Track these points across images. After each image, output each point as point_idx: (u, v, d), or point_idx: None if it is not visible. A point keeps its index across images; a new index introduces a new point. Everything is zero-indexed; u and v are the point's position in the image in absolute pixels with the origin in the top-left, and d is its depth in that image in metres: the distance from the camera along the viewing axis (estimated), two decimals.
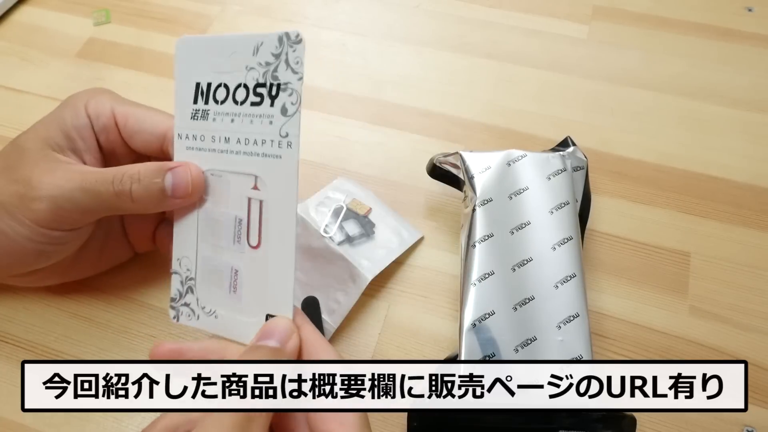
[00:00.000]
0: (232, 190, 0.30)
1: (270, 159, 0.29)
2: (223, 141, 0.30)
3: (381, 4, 0.59)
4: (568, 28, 0.56)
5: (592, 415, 0.33)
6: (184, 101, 0.31)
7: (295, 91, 0.28)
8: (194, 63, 0.31)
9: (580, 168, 0.42)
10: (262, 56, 0.29)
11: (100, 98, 0.34)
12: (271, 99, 0.28)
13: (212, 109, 0.30)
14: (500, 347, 0.34)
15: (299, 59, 0.28)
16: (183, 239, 0.32)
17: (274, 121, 0.28)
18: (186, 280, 0.32)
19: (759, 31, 0.55)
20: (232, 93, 0.30)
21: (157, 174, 0.30)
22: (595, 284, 0.41)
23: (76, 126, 0.33)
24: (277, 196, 0.29)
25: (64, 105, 0.34)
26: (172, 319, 0.32)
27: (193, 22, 0.57)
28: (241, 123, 0.29)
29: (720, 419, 0.36)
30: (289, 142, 0.28)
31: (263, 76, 0.29)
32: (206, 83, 0.30)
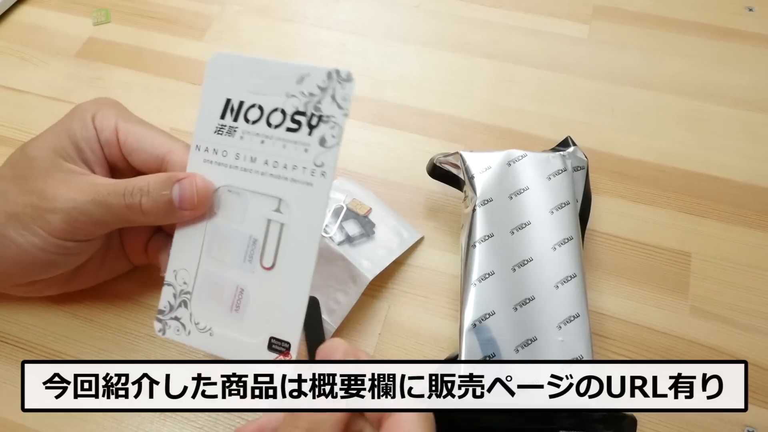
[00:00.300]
0: (251, 209, 0.30)
1: (299, 185, 0.29)
2: (248, 160, 0.30)
3: (381, 4, 0.59)
4: (568, 28, 0.56)
5: (593, 415, 0.33)
6: (209, 115, 0.31)
7: (338, 125, 0.29)
8: (227, 79, 0.31)
9: (581, 168, 0.42)
10: (307, 87, 0.29)
11: (107, 111, 0.34)
12: (310, 128, 0.29)
13: (241, 127, 0.30)
14: (500, 347, 0.34)
15: (347, 97, 0.29)
16: (183, 251, 0.32)
17: (310, 149, 0.29)
18: (180, 293, 0.31)
19: (759, 31, 0.55)
20: (267, 115, 0.30)
21: (166, 186, 0.31)
22: (596, 284, 0.41)
23: (84, 137, 0.33)
24: (301, 221, 0.29)
25: (72, 115, 0.34)
26: (157, 332, 0.31)
27: (193, 22, 0.57)
28: (273, 146, 0.30)
29: (720, 419, 0.36)
30: (324, 171, 0.29)
31: (305, 105, 0.29)
32: (238, 101, 0.31)
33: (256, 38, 0.56)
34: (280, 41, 0.56)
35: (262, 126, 0.30)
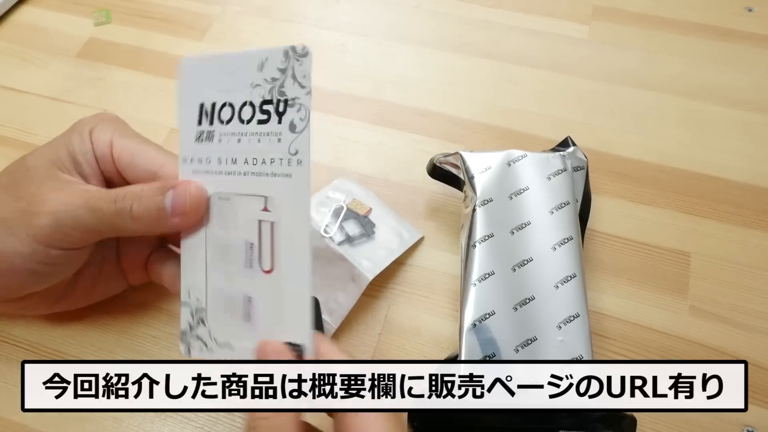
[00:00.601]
0: (242, 213, 0.29)
1: (280, 178, 0.27)
2: (230, 162, 0.29)
3: (381, 4, 0.59)
4: (568, 28, 0.56)
5: (592, 415, 0.33)
6: (188, 124, 0.30)
7: (303, 106, 0.27)
8: (197, 84, 0.30)
9: (581, 168, 0.42)
10: (268, 72, 0.28)
11: (104, 126, 0.34)
12: (279, 116, 0.27)
13: (217, 129, 0.29)
14: (500, 347, 0.34)
15: (306, 73, 0.27)
16: (191, 267, 0.30)
17: (283, 138, 0.27)
18: (196, 311, 0.30)
19: (759, 31, 0.55)
20: (238, 112, 0.29)
21: (159, 192, 0.30)
22: (595, 284, 0.41)
23: (81, 150, 0.33)
24: (288, 216, 0.28)
25: (72, 129, 0.34)
26: (184, 354, 0.30)
27: (194, 23, 0.57)
28: (248, 142, 0.28)
29: (720, 419, 0.36)
30: (299, 159, 0.27)
31: (269, 92, 0.28)
32: (210, 103, 0.29)
33: (257, 39, 0.56)
34: (280, 42, 0.56)
35: (235, 124, 0.29)
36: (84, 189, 0.31)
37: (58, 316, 0.39)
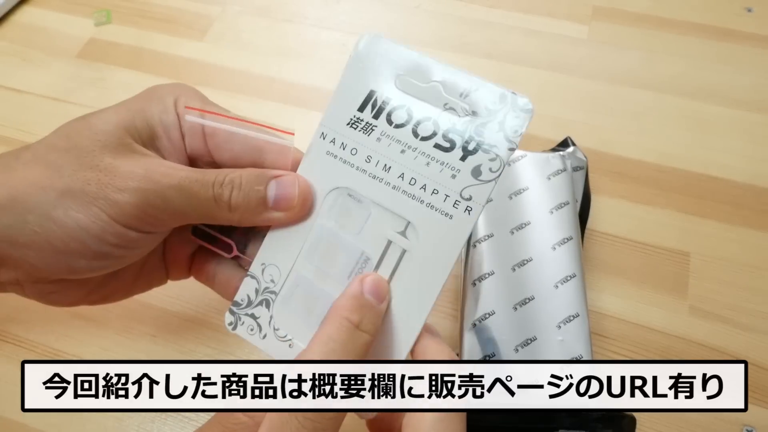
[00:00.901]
0: (371, 223, 0.26)
1: (436, 213, 0.25)
2: (381, 167, 0.26)
3: (381, 4, 0.59)
4: (568, 28, 0.56)
5: (592, 415, 0.33)
6: (346, 103, 0.27)
7: (499, 158, 0.24)
8: (377, 68, 0.27)
9: (580, 168, 0.42)
10: (472, 103, 0.25)
11: (191, 96, 0.29)
12: (464, 153, 0.25)
13: (381, 127, 0.26)
14: (500, 347, 0.34)
15: (519, 129, 0.24)
16: (279, 246, 0.27)
17: (459, 177, 0.25)
18: (264, 290, 0.27)
19: (759, 31, 0.55)
20: (415, 123, 0.26)
21: (260, 181, 0.27)
22: (595, 284, 0.41)
23: (164, 122, 0.28)
24: (428, 254, 0.25)
25: (149, 97, 0.29)
26: (227, 325, 0.28)
27: (194, 23, 0.57)
28: (414, 159, 0.25)
29: (720, 419, 0.36)
30: (469, 207, 0.25)
31: (463, 124, 0.25)
32: (384, 97, 0.26)
33: (257, 39, 0.56)
34: (280, 42, 0.56)
35: (406, 133, 0.26)
36: (173, 166, 0.27)
37: (58, 316, 0.39)
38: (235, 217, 0.27)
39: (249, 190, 0.27)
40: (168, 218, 0.27)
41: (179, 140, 0.29)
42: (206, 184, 0.26)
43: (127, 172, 0.26)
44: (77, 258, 0.26)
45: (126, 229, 0.26)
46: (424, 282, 0.25)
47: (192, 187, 0.26)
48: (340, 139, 0.27)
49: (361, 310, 0.24)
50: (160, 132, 0.28)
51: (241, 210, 0.27)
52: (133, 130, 0.27)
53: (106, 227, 0.26)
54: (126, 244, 0.27)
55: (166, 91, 0.29)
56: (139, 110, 0.28)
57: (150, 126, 0.28)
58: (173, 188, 0.26)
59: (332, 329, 0.24)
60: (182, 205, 0.26)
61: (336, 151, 0.27)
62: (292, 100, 0.51)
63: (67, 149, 0.26)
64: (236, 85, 0.52)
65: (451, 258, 0.25)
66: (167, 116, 0.28)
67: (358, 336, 0.24)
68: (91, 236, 0.26)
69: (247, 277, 0.28)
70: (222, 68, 0.54)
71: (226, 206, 0.27)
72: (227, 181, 0.27)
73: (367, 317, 0.24)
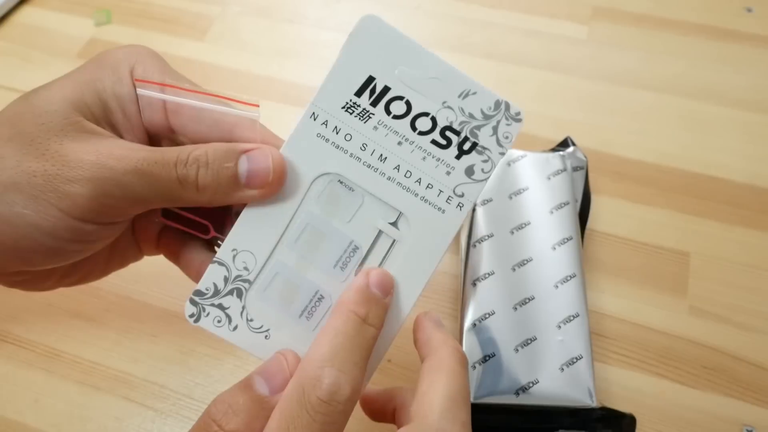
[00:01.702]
0: (362, 212, 0.26)
1: (429, 206, 0.26)
2: (375, 157, 0.26)
3: (381, 5, 0.59)
4: (568, 28, 0.56)
5: (592, 415, 0.33)
6: (342, 84, 0.26)
7: (491, 161, 0.26)
8: (378, 53, 0.26)
9: (580, 168, 0.42)
10: (468, 105, 0.26)
11: (149, 63, 0.26)
12: (459, 152, 0.26)
13: (379, 116, 0.26)
14: (500, 347, 0.34)
15: (510, 136, 0.26)
16: (254, 232, 0.26)
17: (453, 174, 0.26)
18: (235, 279, 0.26)
19: (759, 31, 0.55)
20: (414, 116, 0.26)
21: (229, 157, 0.24)
22: (595, 284, 0.41)
23: (117, 94, 0.25)
24: (417, 246, 0.26)
25: (100, 65, 0.26)
26: (188, 316, 0.25)
27: (194, 23, 0.57)
28: (410, 153, 0.26)
29: (720, 419, 0.36)
30: (461, 203, 0.26)
31: (460, 125, 0.26)
32: (383, 85, 0.26)
33: (257, 39, 0.56)
34: (280, 42, 0.56)
35: (404, 125, 0.26)
36: (128, 147, 0.24)
37: (58, 317, 0.39)
38: (205, 198, 0.25)
39: (218, 168, 0.24)
40: (128, 207, 0.24)
41: (136, 115, 0.26)
42: (168, 165, 0.24)
43: (76, 160, 0.23)
44: (30, 254, 0.24)
45: (82, 223, 0.24)
46: (412, 272, 0.26)
47: (152, 169, 0.23)
48: (333, 122, 0.26)
49: (368, 303, 0.24)
50: (113, 106, 0.25)
51: (211, 190, 0.24)
52: (82, 105, 0.24)
53: (59, 222, 0.23)
54: (83, 238, 0.24)
55: (119, 58, 0.26)
56: (88, 82, 0.25)
57: (102, 100, 0.25)
58: (130, 173, 0.23)
59: (339, 322, 0.24)
60: (143, 191, 0.24)
61: (328, 135, 0.26)
62: (292, 100, 0.51)
63: (10, 137, 0.24)
64: (236, 86, 0.52)
65: (440, 250, 0.26)
66: (121, 87, 0.25)
67: (365, 330, 0.24)
68: (43, 233, 0.23)
69: (214, 264, 0.26)
70: (222, 68, 0.54)
71: (193, 187, 0.24)
72: (192, 159, 0.24)
73: (373, 311, 0.24)
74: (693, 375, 0.38)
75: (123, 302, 0.40)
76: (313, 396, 0.21)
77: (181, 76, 0.27)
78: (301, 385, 0.22)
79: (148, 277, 0.41)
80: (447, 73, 0.26)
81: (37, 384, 0.37)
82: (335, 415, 0.22)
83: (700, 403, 0.37)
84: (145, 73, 0.26)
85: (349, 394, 0.22)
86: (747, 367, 0.38)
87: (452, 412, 0.23)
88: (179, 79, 0.26)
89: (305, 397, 0.22)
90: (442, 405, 0.23)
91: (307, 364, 0.22)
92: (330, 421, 0.21)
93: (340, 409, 0.22)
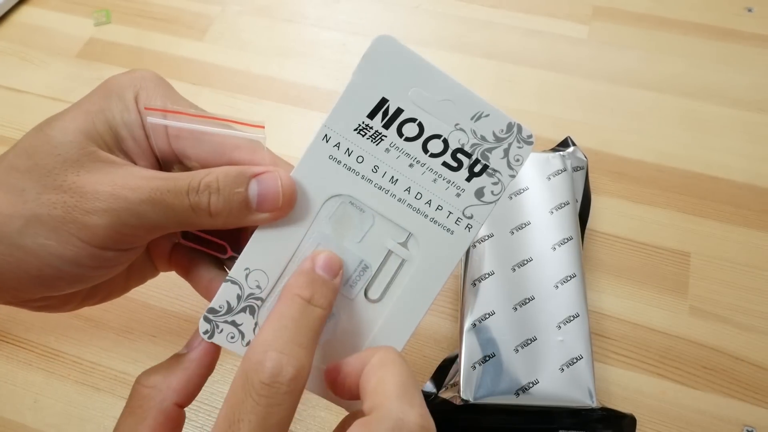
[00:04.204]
0: (372, 233, 0.26)
1: (438, 228, 0.26)
2: (387, 179, 0.26)
3: (381, 4, 0.59)
4: (568, 28, 0.56)
5: (593, 415, 0.33)
6: (355, 107, 0.26)
7: (501, 183, 0.26)
8: (392, 75, 0.26)
9: (580, 168, 0.42)
10: (481, 128, 0.26)
11: (152, 89, 0.27)
12: (470, 174, 0.26)
13: (391, 138, 0.26)
14: (500, 347, 0.34)
15: (521, 158, 0.26)
16: (266, 251, 0.26)
17: (463, 196, 0.26)
18: (248, 297, 0.26)
19: (759, 31, 0.55)
20: (426, 139, 0.26)
21: (239, 182, 0.25)
22: (595, 284, 0.41)
23: (126, 122, 0.26)
24: (425, 265, 0.26)
25: (106, 94, 0.26)
26: (202, 333, 0.26)
27: (194, 23, 0.57)
28: (422, 175, 0.26)
29: (720, 419, 0.36)
30: (470, 225, 0.26)
31: (471, 147, 0.26)
32: (396, 107, 0.26)
33: (257, 39, 0.56)
34: (280, 42, 0.56)
35: (416, 148, 0.26)
36: (142, 176, 0.25)
37: (58, 317, 0.39)
38: (218, 222, 0.25)
39: (229, 194, 0.25)
40: (145, 234, 0.25)
41: (145, 140, 0.27)
42: (180, 194, 0.25)
43: (93, 192, 0.24)
44: (54, 281, 0.25)
45: (102, 251, 0.25)
46: (419, 291, 0.26)
47: (165, 198, 0.24)
48: (345, 145, 0.26)
49: (312, 285, 0.24)
50: (124, 134, 0.26)
51: (224, 216, 0.25)
52: (95, 135, 0.25)
53: (80, 252, 0.24)
54: (104, 264, 0.26)
55: (124, 85, 0.27)
56: (97, 112, 0.26)
57: (112, 128, 0.26)
58: (145, 202, 0.24)
59: (283, 306, 0.24)
60: (158, 218, 0.25)
61: (340, 157, 0.26)
62: (292, 100, 0.51)
63: (28, 169, 0.25)
64: (236, 85, 0.52)
65: (448, 271, 0.26)
66: (129, 115, 0.26)
67: (311, 310, 0.24)
68: (66, 262, 0.24)
69: (227, 283, 0.26)
70: (222, 68, 0.54)
71: (206, 213, 0.25)
72: (203, 186, 0.25)
73: (319, 292, 0.24)
74: (693, 375, 0.38)
75: (123, 302, 0.40)
76: (256, 380, 0.21)
77: (186, 101, 0.27)
78: (244, 372, 0.22)
79: None
80: (460, 95, 0.26)
81: (36, 384, 0.37)
82: (279, 397, 0.21)
83: (700, 404, 0.37)
84: (148, 99, 0.26)
85: (292, 375, 0.22)
86: (747, 367, 0.37)
87: (407, 396, 0.23)
88: (183, 104, 0.27)
89: (248, 382, 0.22)
90: (397, 392, 0.22)
91: (251, 351, 0.22)
92: (275, 402, 0.21)
93: (284, 390, 0.22)
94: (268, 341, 0.22)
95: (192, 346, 0.26)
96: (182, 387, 0.25)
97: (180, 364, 0.25)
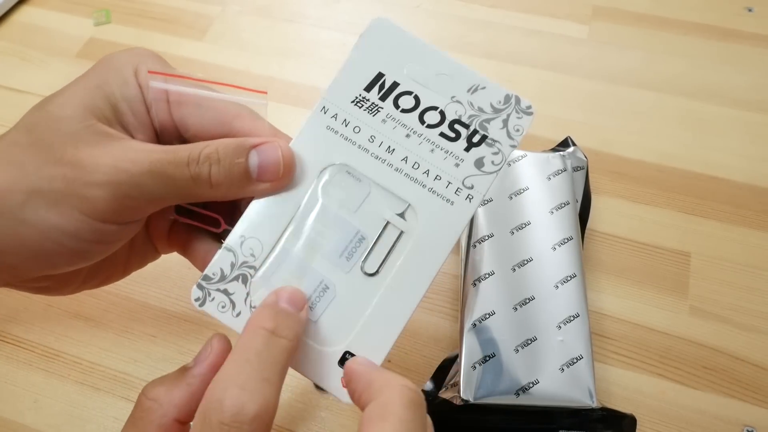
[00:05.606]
0: (370, 203, 0.26)
1: (437, 198, 0.26)
2: (384, 149, 0.26)
3: (381, 4, 0.59)
4: (568, 28, 0.56)
5: (593, 415, 0.33)
6: (352, 80, 0.27)
7: (501, 153, 0.26)
8: (386, 52, 0.27)
9: (580, 168, 0.42)
10: (477, 99, 0.26)
11: (150, 64, 0.27)
12: (468, 144, 0.26)
13: (387, 110, 0.26)
14: (500, 347, 0.34)
15: (521, 129, 0.26)
16: (262, 219, 0.26)
17: (462, 166, 0.26)
18: (241, 264, 0.26)
19: (759, 31, 0.55)
20: (422, 110, 0.26)
21: (239, 152, 0.25)
22: (595, 284, 0.41)
23: (125, 96, 0.26)
24: (425, 237, 0.25)
25: (106, 68, 0.27)
26: (194, 301, 0.25)
27: (194, 23, 0.57)
28: (419, 145, 0.26)
29: (720, 419, 0.36)
30: (471, 195, 0.25)
31: (469, 118, 0.26)
32: (392, 81, 0.27)
33: (257, 38, 0.56)
34: (280, 42, 0.56)
35: (412, 119, 0.26)
36: (142, 149, 0.25)
37: (58, 317, 0.39)
38: (219, 193, 0.25)
39: (229, 164, 0.25)
40: (146, 206, 0.25)
41: (144, 114, 0.27)
42: (181, 164, 0.25)
43: (93, 164, 0.24)
44: (55, 257, 0.25)
45: (103, 224, 0.25)
46: (420, 265, 0.25)
47: (166, 170, 0.24)
48: (342, 116, 0.26)
49: (276, 317, 0.23)
50: (123, 108, 0.26)
51: (225, 186, 0.25)
52: (95, 109, 0.25)
53: (81, 225, 0.24)
54: (104, 238, 0.25)
55: (123, 61, 0.27)
56: (96, 87, 0.26)
57: (112, 103, 0.26)
58: (146, 174, 0.24)
59: (245, 339, 0.23)
60: (159, 190, 0.25)
61: (337, 127, 0.26)
62: (292, 100, 0.51)
63: (29, 144, 0.25)
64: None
65: (450, 243, 0.25)
66: (128, 89, 0.26)
67: (275, 342, 0.23)
68: (67, 235, 0.24)
69: (222, 250, 0.26)
70: (222, 68, 0.54)
71: (207, 184, 0.25)
72: (203, 157, 0.25)
73: (283, 323, 0.23)
74: (693, 375, 0.37)
75: (123, 302, 0.40)
76: (215, 420, 0.20)
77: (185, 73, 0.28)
78: (203, 412, 0.21)
79: (148, 277, 0.41)
80: (456, 69, 0.26)
81: (36, 384, 0.37)
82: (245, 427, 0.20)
83: (700, 404, 0.37)
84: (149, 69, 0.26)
85: (255, 413, 0.20)
86: (747, 367, 0.37)
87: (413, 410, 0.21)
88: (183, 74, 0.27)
89: (206, 423, 0.20)
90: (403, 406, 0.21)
91: (212, 388, 0.21)
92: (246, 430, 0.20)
93: (246, 429, 0.20)
94: (229, 376, 0.21)
95: (199, 359, 0.25)
96: (184, 403, 0.24)
97: (184, 378, 0.24)
